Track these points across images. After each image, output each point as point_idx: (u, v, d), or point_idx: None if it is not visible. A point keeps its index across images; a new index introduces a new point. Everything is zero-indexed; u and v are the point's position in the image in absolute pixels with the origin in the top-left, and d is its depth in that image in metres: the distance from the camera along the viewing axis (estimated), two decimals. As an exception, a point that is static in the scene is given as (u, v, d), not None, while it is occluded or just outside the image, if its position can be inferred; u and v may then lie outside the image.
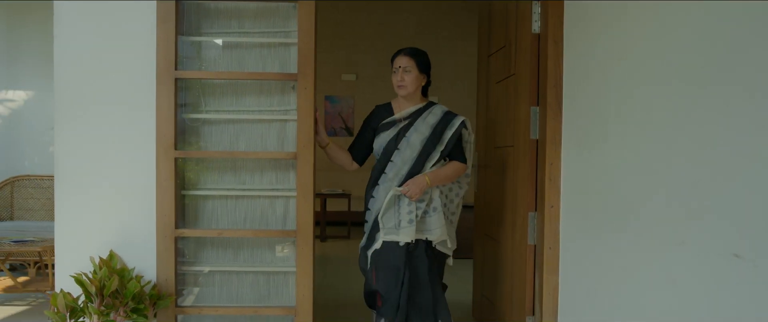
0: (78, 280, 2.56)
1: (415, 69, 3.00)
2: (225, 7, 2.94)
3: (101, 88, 2.84)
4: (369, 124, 3.18)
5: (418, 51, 3.05)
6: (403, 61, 3.00)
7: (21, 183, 5.68)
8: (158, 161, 2.81)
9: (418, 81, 3.03)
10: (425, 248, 2.99)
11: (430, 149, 3.00)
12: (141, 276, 2.75)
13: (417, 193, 2.92)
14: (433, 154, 3.00)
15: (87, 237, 2.84)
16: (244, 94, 2.95)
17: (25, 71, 5.97)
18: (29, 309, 4.36)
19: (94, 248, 2.82)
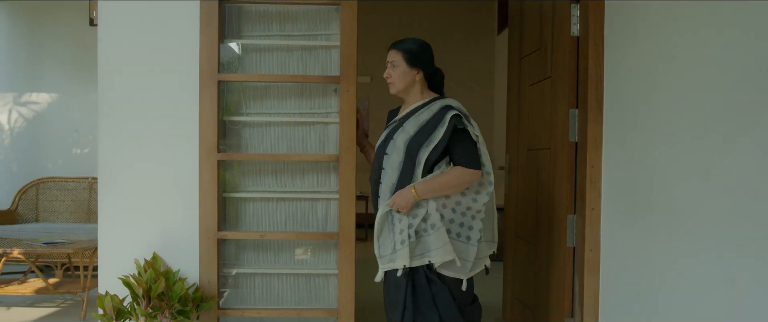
0: (126, 282, 2.57)
1: (402, 63, 2.62)
2: (266, 10, 2.95)
3: (144, 91, 2.85)
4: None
5: (406, 42, 2.65)
6: (390, 55, 2.67)
7: (46, 185, 5.71)
8: (201, 163, 2.82)
9: (408, 77, 2.63)
10: (426, 274, 2.53)
11: (415, 152, 2.52)
12: (185, 278, 2.76)
13: (403, 207, 2.49)
14: (420, 157, 2.51)
15: (130, 239, 2.85)
16: (286, 97, 2.96)
17: (48, 74, 5.99)
18: (59, 311, 4.38)
19: (137, 250, 2.84)
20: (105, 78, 2.87)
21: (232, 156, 2.87)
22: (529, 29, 3.71)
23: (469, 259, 2.54)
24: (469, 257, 2.54)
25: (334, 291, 2.97)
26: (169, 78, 2.84)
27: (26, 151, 5.98)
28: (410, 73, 2.64)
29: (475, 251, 2.54)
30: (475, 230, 2.55)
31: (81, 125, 6.01)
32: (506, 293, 4.11)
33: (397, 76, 2.64)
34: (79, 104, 6.01)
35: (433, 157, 2.51)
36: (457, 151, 2.51)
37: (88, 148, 6.02)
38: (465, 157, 2.50)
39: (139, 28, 2.85)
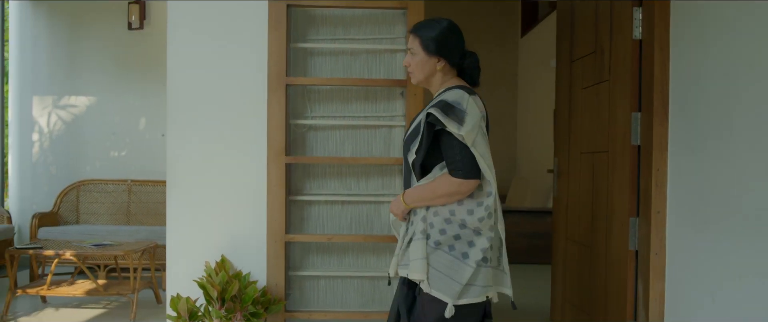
0: (201, 284, 2.59)
1: (420, 51, 2.21)
2: (331, 14, 2.97)
3: (212, 93, 2.87)
4: None
5: (424, 26, 2.24)
6: (409, 41, 2.28)
7: (86, 187, 5.75)
8: (269, 166, 2.84)
9: (428, 66, 2.21)
10: (407, 286, 2.21)
11: (405, 154, 2.24)
12: (256, 281, 2.78)
13: (397, 214, 2.26)
14: (409, 160, 2.21)
15: (198, 242, 2.87)
16: (350, 100, 2.98)
17: (87, 77, 6.04)
18: (106, 312, 4.41)
19: (205, 252, 2.86)
20: (174, 80, 2.89)
21: (299, 159, 2.89)
22: (582, 32, 3.71)
23: (458, 280, 2.07)
24: (459, 277, 2.08)
25: (398, 294, 2.99)
26: (237, 81, 2.86)
27: (65, 154, 6.03)
28: (429, 62, 2.21)
29: (469, 273, 2.07)
30: (477, 248, 2.10)
31: (119, 128, 6.06)
32: (555, 295, 4.11)
33: (416, 65, 2.23)
34: (117, 107, 6.05)
35: (422, 161, 2.16)
36: (445, 156, 2.11)
37: (125, 150, 6.06)
38: (451, 162, 2.08)
39: (208, 30, 2.88)
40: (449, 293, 2.07)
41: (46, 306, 4.56)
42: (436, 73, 2.22)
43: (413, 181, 2.21)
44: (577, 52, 3.80)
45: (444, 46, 2.20)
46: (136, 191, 5.76)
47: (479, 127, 2.08)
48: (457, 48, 2.23)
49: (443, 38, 2.20)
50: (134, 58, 6.01)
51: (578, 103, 3.78)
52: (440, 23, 2.23)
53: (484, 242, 2.11)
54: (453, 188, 2.08)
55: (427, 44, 2.19)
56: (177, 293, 2.73)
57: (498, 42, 9.65)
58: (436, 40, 2.19)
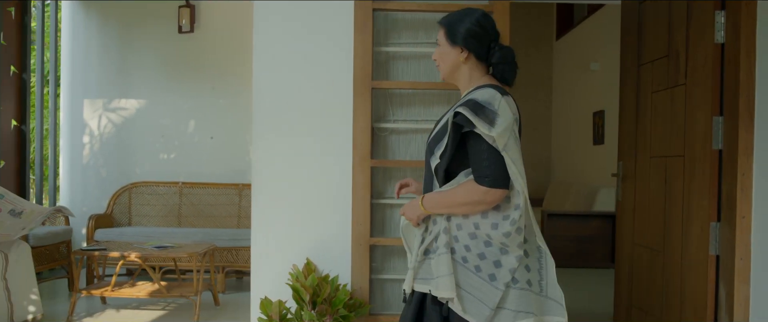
0: (294, 287, 2.61)
1: (444, 41, 2.05)
2: (412, 18, 2.98)
3: (297, 96, 2.89)
4: None
5: (450, 15, 2.08)
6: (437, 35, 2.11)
7: (138, 189, 5.80)
8: (355, 170, 2.85)
9: (450, 57, 2.04)
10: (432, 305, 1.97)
11: (428, 158, 2.05)
12: (346, 284, 2.79)
13: (412, 220, 2.06)
14: (431, 164, 2.01)
15: (282, 245, 2.89)
16: (432, 104, 2.98)
17: (137, 80, 6.10)
18: (167, 314, 4.44)
19: (289, 255, 2.88)
20: (259, 84, 2.91)
21: (385, 163, 2.90)
22: (653, 36, 3.69)
23: (487, 303, 1.88)
24: (488, 300, 1.88)
25: (479, 298, 2.99)
26: (322, 84, 2.88)
27: (114, 156, 6.09)
28: (452, 53, 2.04)
29: (498, 296, 1.87)
30: (504, 269, 1.89)
31: (168, 131, 6.11)
32: (620, 298, 4.09)
33: (440, 56, 2.07)
34: (166, 110, 6.10)
35: (446, 166, 1.96)
36: (471, 160, 1.90)
37: (174, 153, 6.11)
38: (478, 168, 1.87)
39: (293, 34, 2.89)
40: (479, 317, 1.87)
41: (107, 307, 4.60)
42: (462, 67, 2.04)
43: (435, 187, 2.01)
44: (646, 55, 3.78)
45: (468, 35, 2.00)
46: (187, 193, 5.81)
47: (512, 130, 1.85)
48: (483, 39, 2.01)
49: (467, 27, 2.00)
50: (184, 61, 6.06)
51: (647, 108, 3.76)
52: (467, 12, 2.04)
53: (512, 260, 1.89)
54: (477, 197, 1.86)
55: (450, 33, 2.03)
56: (265, 296, 2.75)
57: (533, 45, 9.62)
58: (459, 29, 2.01)
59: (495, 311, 1.86)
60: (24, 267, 3.84)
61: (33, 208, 3.63)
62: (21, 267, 3.82)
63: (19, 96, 5.36)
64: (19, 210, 3.59)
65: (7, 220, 3.58)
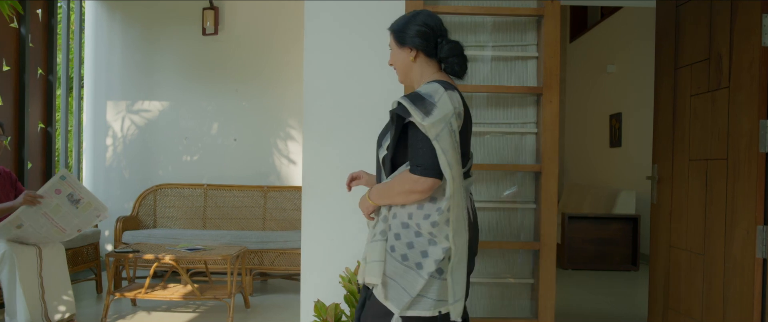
0: (350, 290, 2.61)
1: (394, 45, 2.15)
2: (460, 21, 2.99)
3: (348, 99, 2.89)
4: None
5: (396, 20, 2.19)
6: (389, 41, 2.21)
7: (163, 191, 5.80)
8: (406, 172, 2.85)
9: (403, 57, 2.13)
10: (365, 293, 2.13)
11: (378, 148, 2.16)
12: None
13: (363, 212, 2.15)
14: (379, 157, 2.12)
15: (332, 248, 2.89)
16: (480, 107, 2.99)
17: (160, 83, 6.10)
18: (199, 316, 4.44)
19: (340, 259, 2.88)
20: (310, 87, 2.91)
21: (436, 166, 2.90)
22: (691, 38, 3.69)
23: (409, 291, 1.96)
24: (410, 288, 1.96)
25: (527, 300, 2.99)
26: (373, 87, 2.88)
27: (138, 158, 6.08)
28: (402, 54, 2.13)
29: (421, 284, 1.95)
30: (430, 259, 1.95)
31: (191, 133, 6.11)
32: (654, 301, 4.09)
33: (393, 60, 2.18)
34: (189, 112, 6.10)
35: (392, 157, 2.03)
36: (409, 150, 1.97)
37: (197, 155, 6.11)
38: (413, 157, 1.94)
39: (343, 36, 2.89)
40: (397, 303, 1.97)
41: (137, 309, 4.60)
42: (414, 67, 2.12)
43: (383, 179, 2.08)
44: (683, 58, 3.78)
45: (413, 34, 2.09)
46: (212, 195, 5.81)
47: (447, 122, 1.91)
48: (430, 36, 2.09)
49: (412, 28, 2.10)
50: (207, 63, 6.06)
51: (685, 111, 3.76)
52: (412, 15, 2.14)
53: (438, 252, 1.95)
54: (409, 185, 1.93)
55: (398, 36, 2.13)
56: (318, 299, 2.75)
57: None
58: (406, 31, 2.10)
59: (415, 298, 1.95)
60: (58, 266, 3.85)
61: (89, 198, 3.62)
62: (55, 266, 3.83)
63: (46, 98, 5.35)
64: (77, 197, 3.58)
65: (64, 205, 3.58)
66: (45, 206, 3.57)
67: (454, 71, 2.11)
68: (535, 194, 2.96)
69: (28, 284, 3.62)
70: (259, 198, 5.77)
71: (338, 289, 2.86)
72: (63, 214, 3.58)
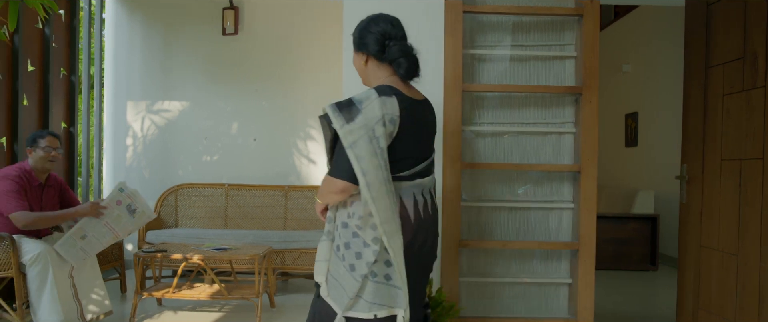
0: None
1: (353, 50, 2.21)
2: (498, 20, 2.98)
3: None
4: None
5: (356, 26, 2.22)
6: None
7: (184, 191, 5.80)
8: (445, 172, 2.85)
9: (358, 62, 2.18)
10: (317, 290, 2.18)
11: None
12: (441, 286, 2.79)
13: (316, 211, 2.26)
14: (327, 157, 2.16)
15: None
16: (518, 106, 2.98)
17: (180, 83, 6.10)
18: (225, 316, 4.43)
19: (379, 258, 2.87)
20: (350, 86, 2.90)
21: (476, 166, 2.90)
22: (724, 38, 3.68)
23: (347, 291, 2.01)
24: (349, 289, 2.01)
25: (565, 301, 2.99)
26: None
27: (158, 158, 6.09)
28: (357, 58, 2.18)
29: (356, 286, 1.99)
30: (363, 262, 1.99)
31: (211, 133, 6.11)
32: (684, 301, 4.07)
33: (353, 63, 2.22)
34: (209, 112, 6.10)
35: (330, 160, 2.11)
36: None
37: (217, 155, 6.11)
38: (333, 159, 2.05)
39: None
40: (340, 304, 2.02)
41: (163, 309, 4.60)
42: (368, 70, 2.15)
43: None
44: (715, 58, 3.77)
45: (362, 38, 2.13)
46: (233, 195, 5.81)
47: (370, 129, 1.93)
48: (378, 39, 2.11)
49: (363, 32, 2.14)
50: (228, 63, 6.06)
51: (717, 111, 3.75)
52: (366, 19, 2.17)
53: (369, 254, 1.98)
54: (326, 186, 2.02)
55: (354, 41, 2.17)
56: (358, 298, 2.74)
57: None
58: (357, 36, 2.15)
59: (353, 299, 1.99)
60: (90, 265, 3.86)
61: (143, 208, 3.68)
62: (87, 265, 3.84)
63: (68, 98, 5.36)
64: (133, 207, 3.64)
65: (124, 216, 3.65)
66: (107, 216, 3.62)
67: (405, 73, 2.09)
68: (572, 193, 2.95)
69: (61, 285, 3.62)
70: (280, 198, 5.77)
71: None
72: (123, 223, 3.66)
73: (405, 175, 2.06)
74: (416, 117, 2.07)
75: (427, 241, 2.11)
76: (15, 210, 3.53)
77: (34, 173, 3.75)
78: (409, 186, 2.06)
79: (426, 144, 2.13)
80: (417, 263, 2.08)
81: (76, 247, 3.61)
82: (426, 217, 2.09)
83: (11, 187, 3.57)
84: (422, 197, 2.09)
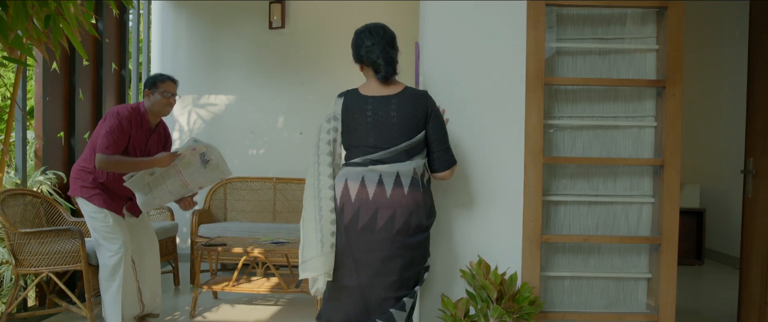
0: (484, 285, 2.60)
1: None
2: (577, 13, 2.96)
3: (468, 94, 2.87)
4: None
5: None
6: None
7: (233, 185, 5.83)
8: (526, 166, 2.84)
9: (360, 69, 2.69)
10: None
11: None
12: (526, 282, 2.78)
13: None
14: None
15: (451, 242, 2.88)
16: (597, 100, 2.96)
17: (226, 76, 6.12)
18: (282, 309, 4.45)
19: (459, 253, 2.87)
20: (428, 81, 2.89)
21: (558, 159, 2.88)
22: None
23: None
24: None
25: (643, 295, 2.97)
26: (493, 80, 2.86)
27: (204, 152, 6.11)
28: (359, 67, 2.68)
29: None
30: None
31: (257, 127, 6.13)
32: (748, 296, 4.03)
33: None
34: (255, 106, 6.12)
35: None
36: None
37: (263, 148, 6.13)
38: None
39: (463, 30, 2.87)
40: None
41: (220, 302, 4.63)
42: (364, 75, 2.65)
43: None
44: (784, 50, 3.71)
45: (353, 50, 2.62)
46: (281, 188, 5.82)
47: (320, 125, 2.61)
48: (359, 48, 2.58)
49: (353, 44, 2.61)
50: (274, 57, 6.07)
51: (787, 103, 3.69)
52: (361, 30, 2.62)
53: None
54: None
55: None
56: (442, 294, 2.75)
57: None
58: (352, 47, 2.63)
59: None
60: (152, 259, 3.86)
61: (218, 161, 3.55)
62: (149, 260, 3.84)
63: (119, 92, 5.40)
64: (207, 158, 3.52)
65: (195, 162, 3.52)
66: (178, 160, 3.50)
67: (381, 74, 2.53)
68: (652, 188, 2.93)
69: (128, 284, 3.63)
70: (328, 192, 5.77)
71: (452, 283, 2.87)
72: (191, 170, 3.49)
73: (357, 161, 2.52)
74: (374, 112, 2.50)
75: (395, 220, 2.45)
76: (103, 151, 3.36)
77: (147, 116, 3.62)
78: (359, 171, 2.49)
79: (389, 135, 2.49)
80: (366, 239, 2.48)
81: (143, 181, 3.47)
82: (393, 198, 2.45)
83: (114, 126, 3.40)
84: (385, 181, 2.46)
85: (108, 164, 3.38)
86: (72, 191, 3.59)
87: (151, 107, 3.60)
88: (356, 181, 2.47)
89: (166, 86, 3.61)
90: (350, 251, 2.50)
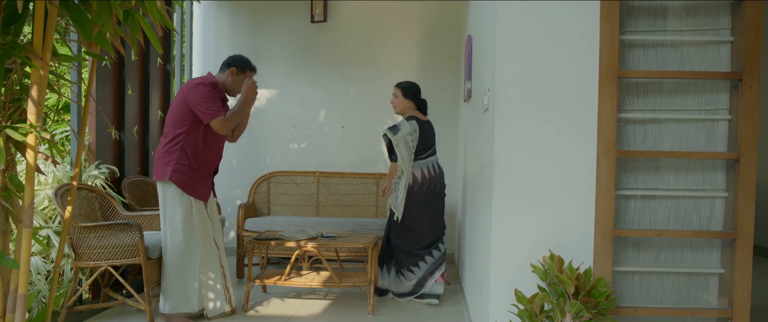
0: (561, 279, 2.58)
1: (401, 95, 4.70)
2: (649, 5, 2.91)
3: (540, 87, 2.85)
4: None
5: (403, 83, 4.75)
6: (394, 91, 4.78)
7: (276, 179, 5.84)
8: (599, 160, 2.81)
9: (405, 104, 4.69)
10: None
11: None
12: (602, 277, 2.75)
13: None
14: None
15: (522, 236, 2.86)
16: (669, 93, 2.92)
17: (268, 71, 6.13)
18: (332, 303, 4.46)
19: (529, 247, 2.85)
20: (501, 76, 2.87)
21: (631, 153, 2.85)
22: None
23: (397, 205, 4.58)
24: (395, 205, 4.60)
25: (715, 291, 2.93)
26: (566, 74, 2.83)
27: (246, 146, 6.14)
28: (405, 102, 4.69)
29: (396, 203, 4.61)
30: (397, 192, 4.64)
31: (298, 121, 6.14)
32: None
33: (398, 103, 4.71)
34: (297, 100, 6.13)
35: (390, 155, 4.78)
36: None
37: (304, 142, 6.14)
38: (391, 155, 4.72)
39: (536, 23, 2.85)
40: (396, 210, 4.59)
41: (270, 296, 4.65)
42: (406, 107, 4.65)
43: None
44: None
45: (414, 92, 4.68)
46: (324, 182, 5.83)
47: (403, 138, 4.46)
48: (416, 95, 4.67)
49: (412, 89, 4.66)
50: (315, 51, 6.07)
51: None
52: (411, 83, 4.69)
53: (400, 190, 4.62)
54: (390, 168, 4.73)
55: (404, 92, 4.65)
56: (515, 289, 2.73)
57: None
58: (409, 90, 4.65)
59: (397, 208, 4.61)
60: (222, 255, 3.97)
61: None
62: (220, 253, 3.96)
63: (164, 86, 5.42)
64: None
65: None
66: None
67: (422, 111, 4.74)
68: (725, 182, 2.89)
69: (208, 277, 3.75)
70: (371, 185, 5.78)
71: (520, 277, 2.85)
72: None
73: (423, 156, 4.53)
74: (424, 130, 4.55)
75: (434, 187, 4.55)
76: (215, 115, 3.65)
77: (219, 86, 3.87)
78: (422, 162, 4.54)
79: (430, 142, 4.59)
80: (427, 197, 4.51)
81: None
82: (431, 176, 4.54)
83: (207, 93, 3.67)
84: (427, 167, 4.55)
85: (224, 124, 3.70)
86: (159, 175, 3.71)
87: (230, 85, 3.89)
88: (419, 168, 4.56)
89: (252, 74, 3.96)
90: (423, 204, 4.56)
